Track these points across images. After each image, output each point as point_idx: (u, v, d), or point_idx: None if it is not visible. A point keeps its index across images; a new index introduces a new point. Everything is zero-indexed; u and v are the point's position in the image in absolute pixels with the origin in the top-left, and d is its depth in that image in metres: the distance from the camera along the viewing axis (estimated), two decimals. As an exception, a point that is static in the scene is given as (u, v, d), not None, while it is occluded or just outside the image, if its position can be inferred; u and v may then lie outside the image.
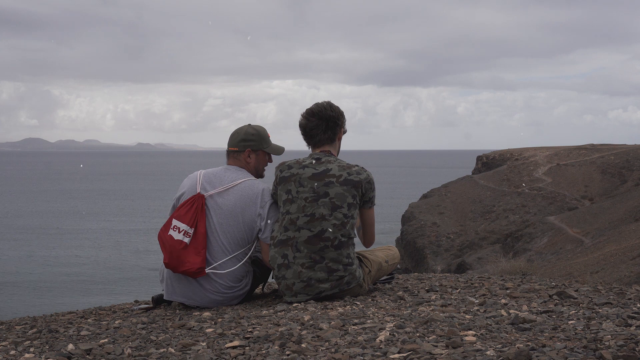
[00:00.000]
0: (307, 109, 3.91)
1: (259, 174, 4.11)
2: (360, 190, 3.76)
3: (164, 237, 3.85)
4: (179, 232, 3.80)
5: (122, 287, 33.48)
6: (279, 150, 4.14)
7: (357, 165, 3.84)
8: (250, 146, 4.03)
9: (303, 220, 3.69)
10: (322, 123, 3.85)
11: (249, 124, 4.12)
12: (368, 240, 4.01)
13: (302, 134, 3.93)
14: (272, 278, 4.01)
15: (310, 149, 3.98)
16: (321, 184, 3.73)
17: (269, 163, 4.18)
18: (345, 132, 3.98)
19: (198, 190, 3.89)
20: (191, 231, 3.80)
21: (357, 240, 3.93)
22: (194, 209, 3.83)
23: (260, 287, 4.41)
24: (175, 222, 3.83)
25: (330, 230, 3.67)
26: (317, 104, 3.90)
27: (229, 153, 4.08)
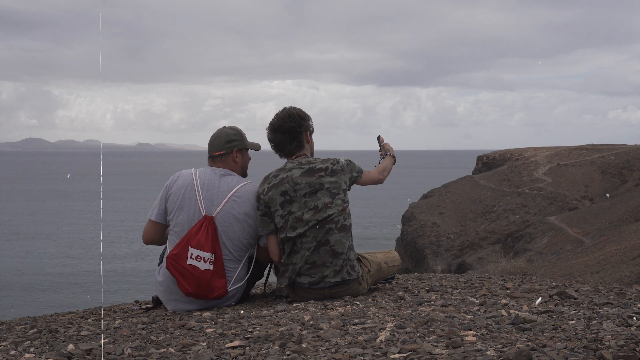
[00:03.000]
0: (270, 122, 3.98)
1: (244, 173, 4.14)
2: (346, 175, 3.91)
3: (182, 267, 3.73)
4: (205, 261, 3.73)
5: (121, 288, 33.46)
6: (257, 146, 4.19)
7: (331, 158, 3.96)
8: (236, 146, 4.05)
9: (309, 214, 3.76)
10: (286, 136, 3.93)
11: (224, 126, 4.13)
12: (385, 176, 4.28)
13: (272, 148, 4.02)
14: (278, 270, 4.00)
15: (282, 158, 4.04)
16: (313, 178, 3.81)
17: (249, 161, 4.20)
18: (312, 131, 4.03)
19: (204, 213, 3.81)
20: (213, 257, 3.76)
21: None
22: (210, 234, 3.76)
23: (262, 287, 4.41)
24: (196, 252, 3.73)
25: (336, 214, 3.77)
26: (277, 116, 3.95)
27: (215, 158, 4.04)
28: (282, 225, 3.80)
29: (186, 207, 3.85)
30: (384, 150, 4.42)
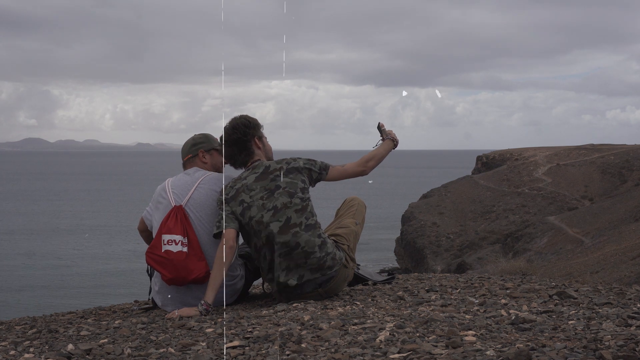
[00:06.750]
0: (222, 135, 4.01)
1: (217, 172, 4.19)
2: (305, 173, 3.88)
3: (157, 256, 3.83)
4: (176, 244, 3.82)
5: (121, 287, 33.46)
6: None
7: (287, 158, 3.93)
8: (201, 147, 4.17)
9: (268, 215, 3.74)
10: (234, 148, 3.96)
11: (194, 134, 4.26)
12: (370, 166, 4.05)
13: (227, 163, 4.05)
14: (264, 282, 4.03)
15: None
16: (268, 180, 3.81)
17: (226, 165, 4.23)
18: (260, 136, 4.00)
19: (173, 204, 3.92)
20: (185, 240, 3.83)
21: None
22: (179, 219, 3.86)
23: (261, 286, 4.42)
24: (168, 237, 3.84)
25: (295, 215, 3.74)
26: (225, 129, 3.97)
27: (185, 163, 4.19)
28: (248, 232, 3.81)
29: (160, 208, 3.99)
30: (385, 135, 4.24)
